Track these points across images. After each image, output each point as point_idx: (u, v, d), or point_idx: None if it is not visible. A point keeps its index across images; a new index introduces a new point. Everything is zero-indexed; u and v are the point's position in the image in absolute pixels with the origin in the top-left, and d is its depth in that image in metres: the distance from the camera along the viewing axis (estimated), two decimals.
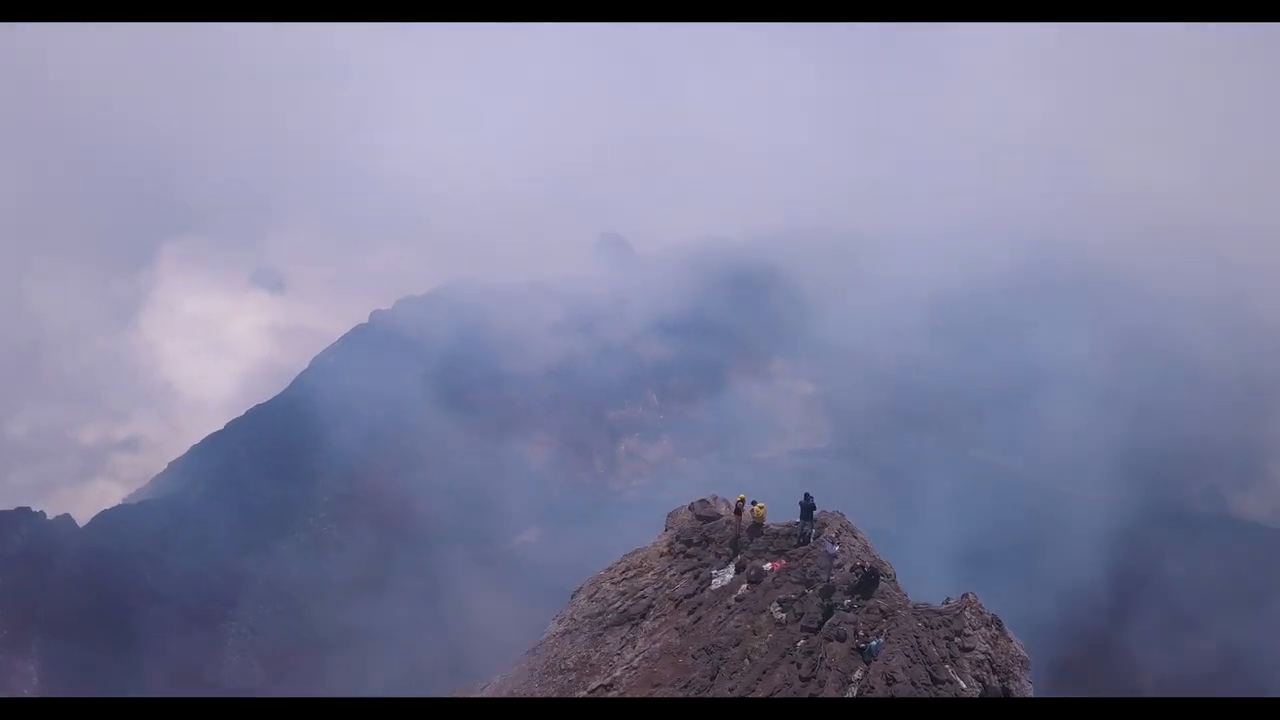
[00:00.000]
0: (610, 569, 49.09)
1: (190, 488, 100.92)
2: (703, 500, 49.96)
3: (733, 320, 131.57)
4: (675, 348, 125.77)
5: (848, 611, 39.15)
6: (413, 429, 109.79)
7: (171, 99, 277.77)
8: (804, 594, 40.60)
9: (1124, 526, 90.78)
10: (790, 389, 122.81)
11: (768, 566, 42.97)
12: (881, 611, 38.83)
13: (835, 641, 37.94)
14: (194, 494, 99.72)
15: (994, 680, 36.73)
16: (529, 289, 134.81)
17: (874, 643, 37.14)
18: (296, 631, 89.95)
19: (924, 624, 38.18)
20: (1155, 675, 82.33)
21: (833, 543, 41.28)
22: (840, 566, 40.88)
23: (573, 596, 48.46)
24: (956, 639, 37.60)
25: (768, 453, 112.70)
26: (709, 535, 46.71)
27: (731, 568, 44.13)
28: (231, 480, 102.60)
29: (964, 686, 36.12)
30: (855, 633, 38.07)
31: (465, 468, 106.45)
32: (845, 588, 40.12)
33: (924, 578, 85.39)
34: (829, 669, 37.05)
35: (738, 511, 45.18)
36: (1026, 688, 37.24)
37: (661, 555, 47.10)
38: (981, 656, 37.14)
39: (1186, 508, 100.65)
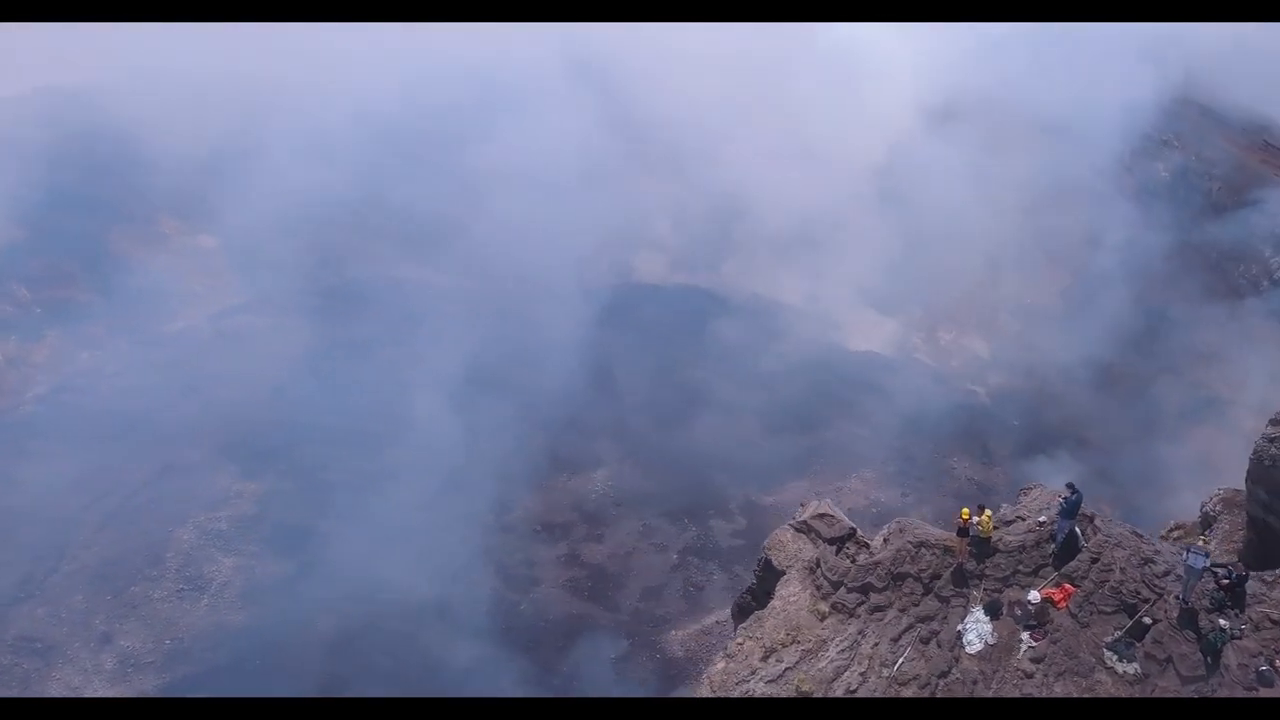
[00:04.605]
0: (730, 655, 32.42)
1: None
2: (820, 514, 34.96)
3: (97, 182, 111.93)
4: (30, 227, 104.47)
5: (1236, 637, 27.99)
6: None
7: None
8: (1142, 628, 28.83)
9: (583, 321, 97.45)
10: (190, 247, 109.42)
11: (1034, 596, 29.55)
12: (1275, 623, 28.47)
13: (1262, 689, 27.33)
14: None
15: None
16: None
17: None
18: None
19: None
20: None
21: (1197, 552, 28.84)
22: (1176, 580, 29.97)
23: None
24: None
25: (184, 322, 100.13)
26: (897, 571, 32.02)
27: (980, 613, 30.51)
28: None
29: None
30: (1277, 669, 27.67)
31: None
32: (1204, 605, 29.13)
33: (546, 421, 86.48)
34: None
35: (963, 532, 31.82)
36: None
37: (824, 618, 32.57)
38: None
39: (601, 283, 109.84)
